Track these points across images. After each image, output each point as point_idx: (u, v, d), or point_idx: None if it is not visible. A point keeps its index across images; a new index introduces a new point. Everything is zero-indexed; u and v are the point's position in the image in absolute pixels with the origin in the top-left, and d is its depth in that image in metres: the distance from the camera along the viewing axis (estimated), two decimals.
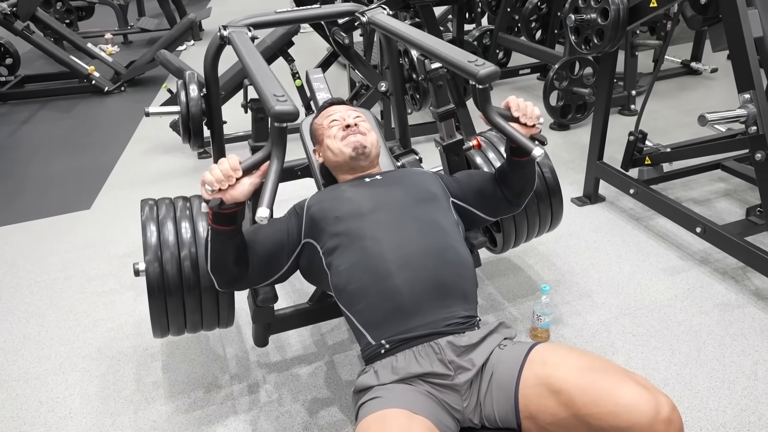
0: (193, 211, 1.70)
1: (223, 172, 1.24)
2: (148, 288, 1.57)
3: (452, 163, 1.92)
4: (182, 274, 1.59)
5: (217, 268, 1.39)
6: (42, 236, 2.88)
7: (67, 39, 5.37)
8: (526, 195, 1.60)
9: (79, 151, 3.94)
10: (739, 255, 2.21)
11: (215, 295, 1.63)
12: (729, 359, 1.93)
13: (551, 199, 1.97)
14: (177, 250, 1.60)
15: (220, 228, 1.32)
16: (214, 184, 1.24)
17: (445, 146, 1.90)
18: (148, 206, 1.69)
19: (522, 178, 1.55)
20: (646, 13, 2.33)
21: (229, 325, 1.76)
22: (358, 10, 2.02)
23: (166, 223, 1.64)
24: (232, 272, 1.40)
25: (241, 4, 9.67)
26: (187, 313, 1.63)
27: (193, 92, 2.10)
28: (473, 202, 1.60)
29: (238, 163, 1.25)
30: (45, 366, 2.04)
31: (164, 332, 1.67)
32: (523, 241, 2.06)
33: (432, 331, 1.32)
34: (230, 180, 1.24)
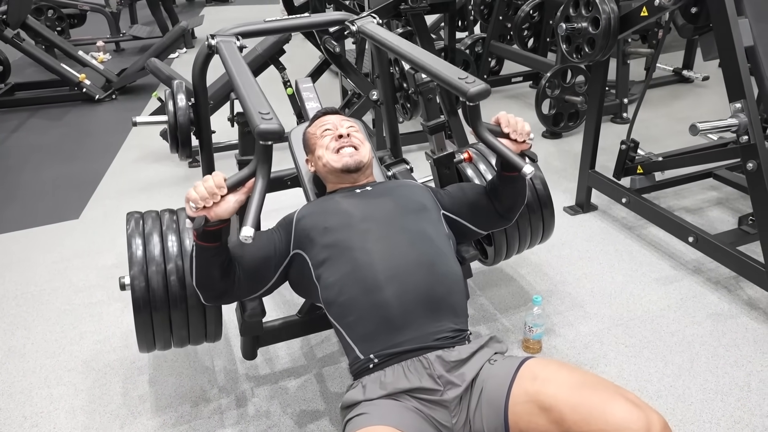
0: (180, 224, 1.68)
1: (208, 189, 1.22)
2: (134, 303, 1.55)
3: (443, 176, 1.91)
4: (168, 288, 1.57)
5: (202, 283, 1.37)
6: (30, 246, 2.84)
7: (58, 47, 5.35)
8: (517, 209, 1.60)
9: (69, 159, 3.90)
10: (731, 265, 2.21)
11: (202, 309, 1.61)
12: (722, 370, 1.92)
13: (543, 210, 1.96)
14: (163, 264, 1.57)
15: (205, 245, 1.31)
16: (199, 201, 1.21)
17: (436, 159, 1.89)
18: (134, 219, 1.67)
19: (513, 193, 1.55)
20: (637, 22, 2.33)
21: (216, 339, 1.73)
22: (348, 19, 2.01)
23: (152, 236, 1.62)
24: (217, 287, 1.38)
25: (233, 11, 9.68)
26: (173, 327, 1.61)
27: (181, 102, 2.07)
28: (465, 216, 1.58)
29: (223, 181, 1.24)
30: (30, 380, 2.01)
31: (150, 347, 1.65)
32: (515, 253, 2.05)
33: (421, 346, 1.30)
34: (215, 198, 1.22)
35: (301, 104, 2.14)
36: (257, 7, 9.83)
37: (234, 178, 1.26)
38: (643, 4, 2.26)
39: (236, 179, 1.26)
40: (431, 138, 1.89)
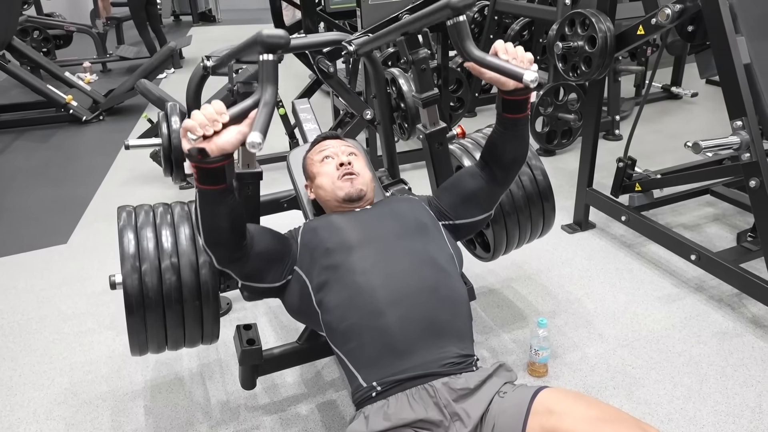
0: (175, 217, 1.58)
1: (207, 116, 1.09)
2: (126, 302, 1.45)
3: (435, 152, 1.82)
4: (163, 285, 1.47)
5: (211, 237, 1.28)
6: (16, 273, 2.76)
7: (44, 68, 5.28)
8: (518, 165, 1.48)
9: (57, 182, 3.82)
10: (734, 282, 2.18)
11: (199, 307, 1.52)
12: (732, 391, 1.88)
13: (543, 203, 1.90)
14: (157, 259, 1.48)
15: (208, 188, 1.19)
16: (197, 129, 1.08)
17: (428, 134, 1.81)
18: (126, 213, 1.58)
19: (514, 142, 1.42)
20: (633, 41, 2.33)
21: (213, 341, 1.64)
22: (345, 39, 1.99)
23: (145, 230, 1.52)
24: (229, 242, 1.29)
25: (221, 31, 9.69)
26: (168, 328, 1.52)
27: (175, 124, 2.04)
28: (462, 212, 1.52)
29: (224, 107, 1.11)
30: (18, 414, 1.92)
31: (143, 350, 1.56)
32: (515, 247, 1.99)
33: (426, 372, 1.25)
34: (215, 125, 1.09)
35: (299, 126, 2.10)
36: (245, 26, 9.85)
37: (237, 107, 1.14)
38: (639, 23, 2.26)
39: (239, 108, 1.14)
40: (423, 111, 1.80)
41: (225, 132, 1.12)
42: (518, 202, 1.88)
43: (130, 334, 1.51)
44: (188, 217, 1.59)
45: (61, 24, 6.63)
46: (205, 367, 2.09)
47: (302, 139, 2.12)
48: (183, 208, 1.63)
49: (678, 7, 2.10)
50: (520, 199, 1.88)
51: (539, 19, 4.33)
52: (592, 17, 2.36)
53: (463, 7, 1.25)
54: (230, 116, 1.11)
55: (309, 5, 3.06)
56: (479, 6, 4.63)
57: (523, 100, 1.34)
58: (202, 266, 1.52)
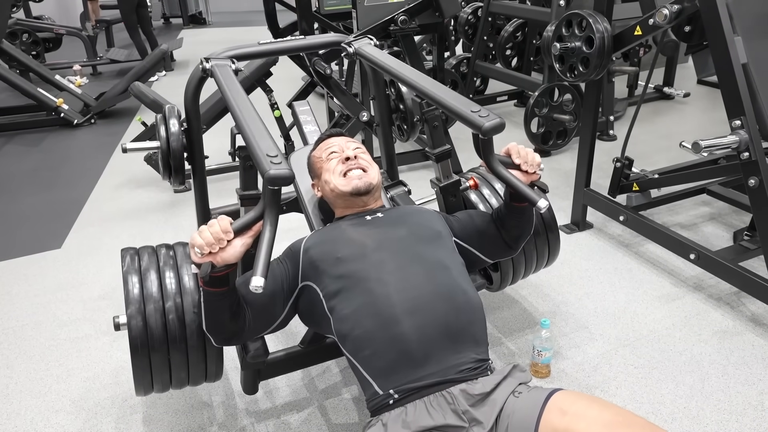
0: (178, 260, 1.61)
1: (214, 235, 1.16)
2: (131, 344, 1.47)
3: (449, 204, 1.88)
4: (167, 327, 1.49)
5: (213, 328, 1.32)
6: (9, 278, 2.72)
7: (34, 71, 5.23)
8: (523, 239, 1.58)
9: (48, 186, 3.78)
10: (734, 281, 2.19)
11: (203, 348, 1.53)
12: (734, 390, 1.89)
13: (548, 234, 1.93)
14: (161, 302, 1.50)
15: (213, 290, 1.25)
16: (204, 248, 1.16)
17: (442, 187, 1.86)
18: (129, 255, 1.59)
19: (520, 223, 1.53)
20: (631, 41, 2.34)
21: (217, 379, 1.66)
22: (343, 41, 1.98)
23: (149, 273, 1.54)
24: (228, 330, 1.33)
25: (212, 34, 9.65)
26: (172, 369, 1.53)
27: (173, 126, 2.00)
28: (474, 243, 1.56)
29: (229, 225, 1.18)
30: (15, 423, 1.89)
31: (148, 390, 1.57)
32: (521, 278, 2.01)
33: (443, 379, 1.24)
34: (221, 243, 1.18)
35: (299, 128, 2.09)
36: (235, 29, 9.83)
37: (240, 222, 1.21)
38: (637, 23, 2.27)
39: (243, 223, 1.21)
40: (437, 166, 1.86)
41: (229, 247, 1.19)
42: None
43: (135, 375, 1.52)
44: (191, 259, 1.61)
45: (50, 27, 6.57)
46: None
47: (303, 141, 2.11)
48: (185, 250, 1.65)
49: (675, 8, 2.12)
50: None
51: (533, 20, 4.34)
52: (589, 18, 2.37)
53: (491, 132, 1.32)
54: (234, 230, 1.19)
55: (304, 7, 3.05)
56: (473, 7, 4.64)
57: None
58: None
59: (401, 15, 3.04)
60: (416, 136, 2.30)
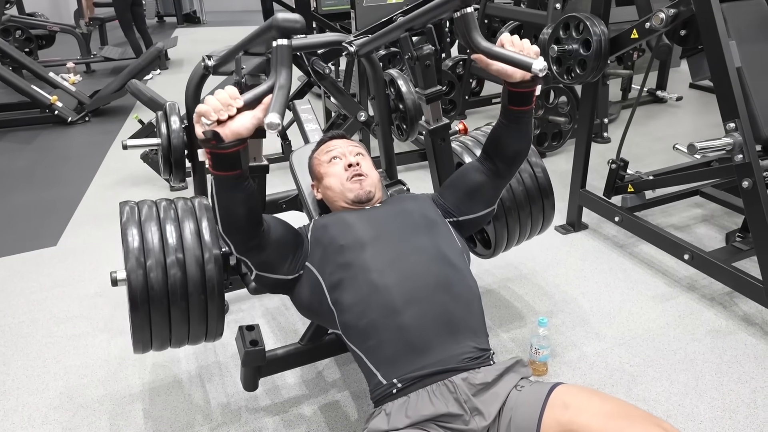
0: (179, 212, 1.56)
1: (221, 100, 1.09)
2: (130, 298, 1.43)
3: (438, 148, 1.84)
4: (168, 281, 1.45)
5: (228, 224, 1.28)
6: (4, 276, 2.70)
7: (28, 68, 5.20)
8: (520, 158, 1.48)
9: (43, 184, 3.76)
10: (727, 281, 2.23)
11: (204, 305, 1.50)
12: (727, 387, 1.92)
13: (543, 200, 1.93)
14: (162, 255, 1.46)
15: (223, 174, 1.19)
16: (211, 113, 1.08)
17: (431, 130, 1.82)
18: (129, 207, 1.55)
19: (518, 135, 1.43)
20: (627, 44, 2.37)
21: (217, 337, 1.63)
22: (345, 41, 1.99)
23: (150, 226, 1.49)
24: (245, 229, 1.29)
25: (206, 33, 9.63)
26: (172, 326, 1.50)
27: (174, 124, 2.02)
28: (466, 209, 1.53)
29: (237, 92, 1.12)
30: (12, 419, 1.88)
31: (146, 347, 1.54)
32: (515, 243, 2.01)
33: (445, 368, 1.26)
34: (230, 110, 1.09)
35: (300, 126, 2.10)
36: (229, 28, 9.81)
37: (251, 93, 1.14)
38: (633, 27, 2.30)
39: (253, 93, 1.14)
40: (427, 108, 1.80)
41: (239, 117, 1.12)
42: (519, 198, 1.91)
43: (133, 331, 1.48)
44: (192, 212, 1.58)
45: (44, 24, 6.53)
46: (204, 369, 2.07)
47: (304, 140, 2.12)
48: (186, 203, 1.61)
49: (672, 12, 2.15)
50: (520, 196, 1.91)
51: (529, 23, 4.37)
52: (586, 21, 2.40)
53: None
54: (244, 101, 1.12)
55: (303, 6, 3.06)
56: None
57: (528, 92, 1.34)
58: (207, 262, 1.51)
59: (400, 15, 3.05)
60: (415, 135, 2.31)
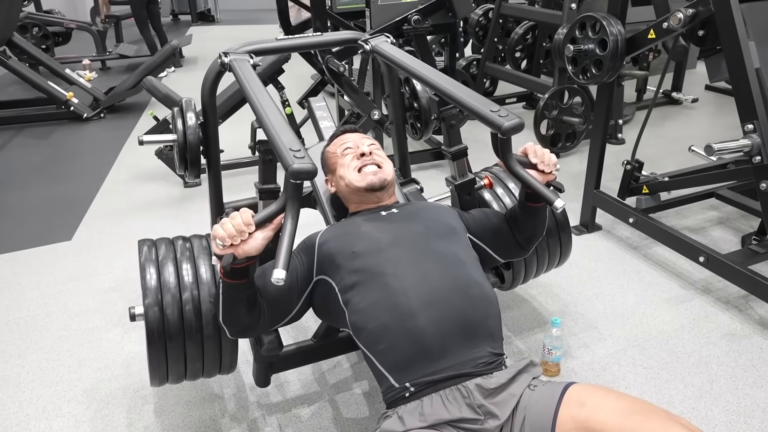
0: (195, 251, 1.62)
1: (236, 227, 1.18)
2: (147, 334, 1.48)
3: (464, 202, 1.90)
4: (184, 318, 1.50)
5: (229, 320, 1.34)
6: (20, 269, 2.73)
7: (45, 64, 5.25)
8: (536, 239, 1.58)
9: (58, 179, 3.79)
10: (743, 284, 2.20)
11: (218, 340, 1.55)
12: (742, 391, 1.90)
13: (560, 234, 1.94)
14: (178, 293, 1.51)
15: (233, 282, 1.27)
16: (226, 240, 1.18)
17: (458, 185, 1.87)
18: (147, 246, 1.61)
19: (534, 224, 1.54)
20: (644, 45, 2.35)
21: (231, 371, 1.67)
22: (360, 38, 1.99)
23: (167, 264, 1.56)
24: (244, 322, 1.34)
25: (220, 31, 9.68)
26: (188, 360, 1.54)
27: (190, 120, 2.02)
28: (487, 241, 1.56)
29: (251, 217, 1.20)
30: (26, 411, 1.90)
31: (162, 381, 1.58)
32: (532, 277, 2.03)
33: (459, 373, 1.25)
34: (243, 235, 1.19)
35: (315, 123, 2.10)
36: (243, 27, 9.85)
37: (262, 215, 1.22)
38: (651, 27, 2.28)
39: (264, 215, 1.22)
40: (453, 164, 1.87)
41: (251, 240, 1.20)
42: None
43: (150, 366, 1.53)
44: (207, 250, 1.63)
45: (60, 21, 6.60)
46: None
47: (318, 137, 2.12)
48: (201, 242, 1.66)
49: (690, 12, 2.13)
50: None
51: (543, 22, 4.36)
52: (603, 20, 2.38)
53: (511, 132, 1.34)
54: (255, 223, 1.20)
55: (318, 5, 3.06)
56: (484, 9, 4.66)
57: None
58: None
59: (415, 15, 3.06)
60: (429, 134, 2.31)
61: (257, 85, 1.53)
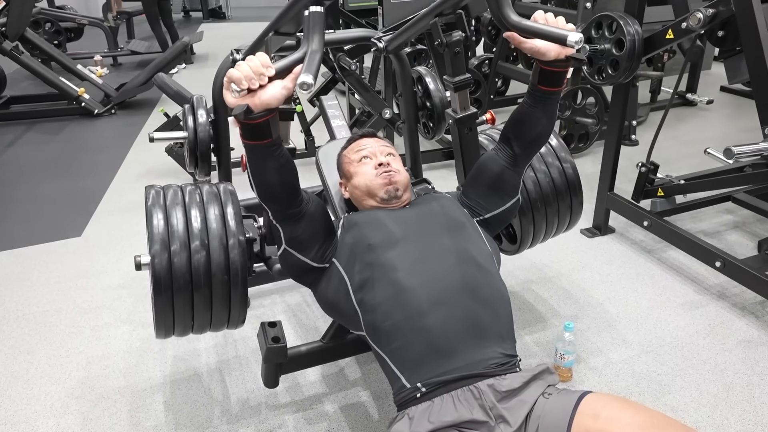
0: (204, 197, 1.56)
1: (253, 68, 1.05)
2: (154, 282, 1.42)
3: (464, 138, 1.80)
4: (192, 267, 1.44)
5: (262, 191, 1.28)
6: (30, 265, 2.73)
7: (57, 60, 5.26)
8: (541, 142, 1.44)
9: (69, 175, 3.80)
10: (760, 290, 2.16)
11: (227, 291, 1.50)
12: (759, 400, 1.86)
13: (572, 198, 1.89)
14: (187, 239, 1.45)
15: (254, 143, 1.18)
16: (242, 81, 1.05)
17: (458, 119, 1.78)
18: (154, 191, 1.55)
19: (543, 117, 1.38)
20: (662, 45, 2.31)
21: (239, 325, 1.62)
22: (374, 36, 1.97)
23: (174, 210, 1.49)
24: (281, 197, 1.28)
25: (231, 28, 9.68)
26: (195, 311, 1.49)
27: (201, 117, 2.02)
28: (490, 204, 1.50)
29: (269, 60, 1.08)
30: (34, 407, 1.90)
31: (168, 332, 1.54)
32: (540, 240, 1.97)
33: (471, 373, 1.23)
34: (261, 78, 1.06)
35: (327, 122, 2.08)
36: (255, 24, 9.84)
37: (283, 61, 1.11)
38: (669, 27, 2.24)
39: (285, 62, 1.11)
40: (454, 96, 1.77)
41: (270, 86, 1.09)
42: (546, 194, 1.87)
43: (156, 315, 1.48)
44: (217, 197, 1.57)
45: (73, 17, 6.61)
46: (224, 364, 2.07)
47: (330, 135, 2.10)
48: (212, 188, 1.60)
49: (710, 12, 2.09)
50: (548, 192, 1.87)
51: None
52: (620, 20, 2.34)
53: None
54: (276, 70, 1.09)
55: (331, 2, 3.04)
56: None
57: (561, 72, 1.29)
58: (231, 248, 1.50)
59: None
60: (441, 134, 2.28)
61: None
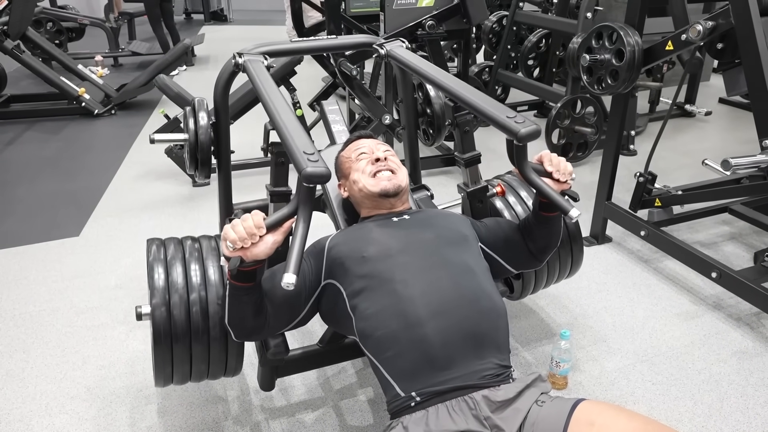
0: (203, 252, 1.61)
1: (247, 230, 1.17)
2: (154, 334, 1.46)
3: (476, 210, 1.88)
4: (191, 319, 1.49)
5: (234, 322, 1.33)
6: (27, 264, 2.73)
7: (58, 60, 5.26)
8: (550, 250, 1.57)
9: (68, 174, 3.80)
10: (756, 301, 2.17)
11: (224, 342, 1.53)
12: (753, 411, 1.87)
13: (572, 245, 1.92)
14: (186, 293, 1.50)
15: (240, 285, 1.26)
16: (237, 242, 1.17)
17: (470, 192, 1.86)
18: (155, 245, 1.60)
19: (548, 233, 1.53)
20: (661, 56, 2.33)
21: (236, 373, 1.65)
22: (376, 42, 1.98)
23: (175, 264, 1.54)
24: (250, 325, 1.33)
25: (232, 31, 9.70)
26: (193, 361, 1.53)
27: (202, 120, 2.01)
28: (499, 251, 1.55)
29: (262, 221, 1.19)
30: (29, 407, 1.89)
31: (167, 381, 1.57)
32: (542, 287, 2.00)
33: (466, 384, 1.24)
34: (253, 238, 1.18)
35: (327, 126, 2.09)
36: (256, 27, 9.88)
37: (273, 218, 1.21)
38: (669, 38, 2.26)
39: (275, 219, 1.21)
40: (465, 171, 1.85)
41: (261, 242, 1.20)
42: None
43: (155, 366, 1.51)
44: (216, 252, 1.62)
45: (74, 17, 6.62)
46: None
47: (330, 140, 2.11)
48: (210, 242, 1.65)
49: (710, 24, 2.10)
50: None
51: (557, 31, 4.34)
52: (620, 31, 2.36)
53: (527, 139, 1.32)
54: (266, 226, 1.20)
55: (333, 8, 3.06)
56: (498, 16, 4.64)
57: None
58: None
59: (429, 20, 3.04)
60: (441, 141, 2.30)
61: (272, 87, 1.51)
